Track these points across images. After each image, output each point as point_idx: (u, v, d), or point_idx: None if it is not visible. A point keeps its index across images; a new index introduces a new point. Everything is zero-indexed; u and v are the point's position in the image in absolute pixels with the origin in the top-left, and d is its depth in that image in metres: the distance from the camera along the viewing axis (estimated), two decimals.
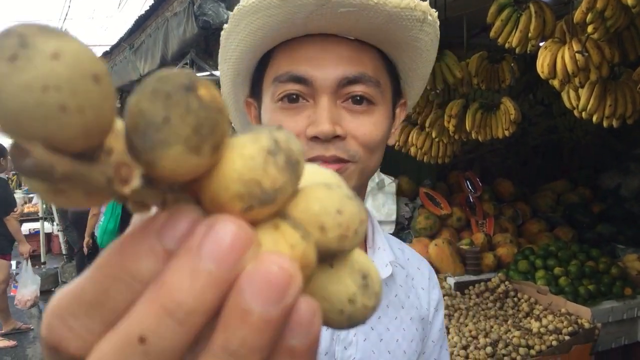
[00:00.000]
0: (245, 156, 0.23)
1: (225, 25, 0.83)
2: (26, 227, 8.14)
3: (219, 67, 0.91)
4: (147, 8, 4.34)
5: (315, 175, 0.28)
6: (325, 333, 0.85)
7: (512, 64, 3.30)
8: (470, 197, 4.06)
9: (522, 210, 4.22)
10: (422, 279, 1.00)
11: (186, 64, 4.16)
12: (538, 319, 3.00)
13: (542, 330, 2.85)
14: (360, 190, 0.87)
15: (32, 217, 9.37)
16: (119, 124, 0.23)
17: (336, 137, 0.79)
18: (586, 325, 2.90)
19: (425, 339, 0.96)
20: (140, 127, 0.21)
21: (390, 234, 3.69)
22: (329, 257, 0.27)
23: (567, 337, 2.79)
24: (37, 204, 9.45)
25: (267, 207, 0.24)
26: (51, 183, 0.20)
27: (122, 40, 5.59)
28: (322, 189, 0.26)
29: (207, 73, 4.34)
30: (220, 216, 0.24)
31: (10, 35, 0.19)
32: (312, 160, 0.79)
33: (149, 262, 0.23)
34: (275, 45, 0.83)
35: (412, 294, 0.95)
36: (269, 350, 0.23)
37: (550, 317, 2.96)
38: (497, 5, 2.89)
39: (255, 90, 0.90)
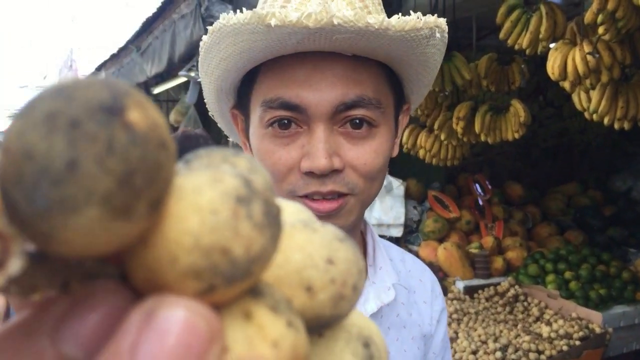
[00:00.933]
0: (203, 209, 0.15)
1: (204, 37, 0.74)
2: None
3: (200, 77, 0.82)
4: (155, 10, 4.36)
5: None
6: None
7: (522, 66, 3.27)
8: (480, 200, 4.02)
9: (532, 213, 4.18)
10: (424, 291, 0.93)
11: (194, 66, 4.16)
12: (548, 323, 2.97)
13: (552, 335, 2.82)
14: (358, 222, 0.79)
15: None
16: None
17: (333, 171, 0.71)
18: (597, 330, 2.87)
19: (427, 350, 0.92)
20: (26, 177, 0.13)
21: (399, 237, 3.64)
22: (319, 326, 0.19)
23: (577, 342, 2.76)
24: None
25: (236, 286, 0.16)
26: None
27: (128, 42, 5.62)
28: (302, 231, 0.19)
29: None
30: (165, 298, 0.15)
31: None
32: (307, 196, 0.71)
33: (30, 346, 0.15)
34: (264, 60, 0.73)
35: (414, 310, 0.90)
36: None
37: (560, 322, 2.93)
38: (506, 6, 2.87)
39: (241, 103, 0.81)
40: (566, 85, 2.69)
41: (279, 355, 0.16)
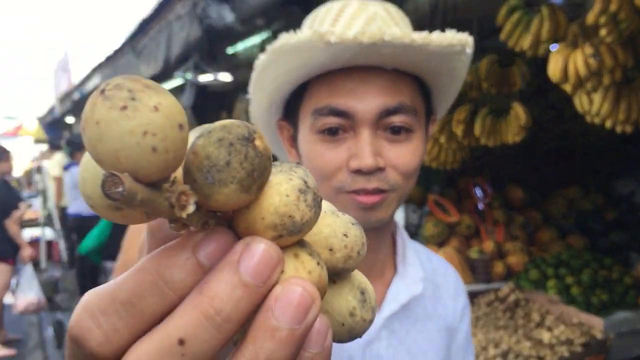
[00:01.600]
0: (282, 193, 0.27)
1: (261, 55, 0.85)
2: (27, 234, 8.08)
3: (250, 92, 0.93)
4: (150, 11, 4.32)
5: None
6: (357, 349, 0.88)
7: (523, 68, 3.23)
8: (480, 204, 3.99)
9: (533, 217, 4.15)
10: (449, 288, 1.03)
11: (190, 67, 4.12)
12: (549, 329, 2.94)
13: (553, 340, 2.79)
14: (392, 217, 0.92)
15: (32, 224, 9.31)
16: None
17: (377, 169, 0.81)
18: (598, 335, 2.84)
19: (451, 344, 1.00)
20: (204, 166, 0.25)
21: None
22: (334, 274, 0.31)
23: (579, 348, 2.73)
24: (37, 210, 9.40)
25: (294, 237, 0.28)
26: (129, 206, 0.24)
27: (124, 43, 5.58)
28: (330, 215, 0.31)
29: (212, 78, 4.33)
30: (255, 237, 0.27)
31: (122, 88, 0.24)
32: (355, 192, 0.82)
33: (183, 272, 0.26)
34: (315, 75, 0.84)
35: (439, 304, 1.00)
36: None
37: (562, 328, 2.90)
38: (507, 7, 2.84)
39: (289, 115, 0.91)
40: (567, 87, 2.67)
41: (311, 278, 0.28)
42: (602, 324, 2.89)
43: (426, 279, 0.98)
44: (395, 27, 0.84)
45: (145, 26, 4.73)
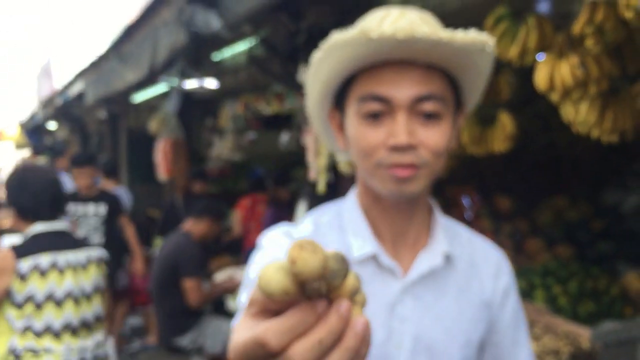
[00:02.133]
0: (353, 277, 0.52)
1: (317, 53, 1.00)
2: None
3: (307, 83, 1.09)
4: (136, 17, 4.27)
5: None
6: (383, 309, 1.04)
7: (510, 77, 3.24)
8: (468, 213, 3.99)
9: (520, 227, 4.15)
10: (489, 267, 1.14)
11: (175, 73, 4.09)
12: (536, 339, 2.93)
13: (540, 350, 2.78)
14: (425, 192, 1.08)
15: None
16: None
17: (410, 147, 0.96)
18: (586, 346, 2.84)
19: (494, 322, 1.12)
20: (331, 272, 0.48)
21: None
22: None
23: (566, 358, 2.72)
24: None
25: (356, 296, 0.52)
26: (311, 293, 0.49)
27: (109, 49, 5.52)
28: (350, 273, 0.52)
29: (197, 85, 4.30)
30: (342, 300, 0.49)
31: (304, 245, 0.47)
32: (391, 166, 0.98)
33: (314, 317, 0.48)
34: (359, 71, 1.00)
35: (475, 281, 1.11)
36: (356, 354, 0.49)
37: (549, 337, 2.90)
38: (494, 16, 2.85)
39: (339, 104, 1.07)
40: (554, 97, 2.67)
41: (360, 312, 0.52)
42: (589, 334, 2.89)
43: (459, 257, 1.11)
44: (426, 26, 0.97)
45: (130, 32, 4.68)
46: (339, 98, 1.06)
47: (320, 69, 1.02)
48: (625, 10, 2.21)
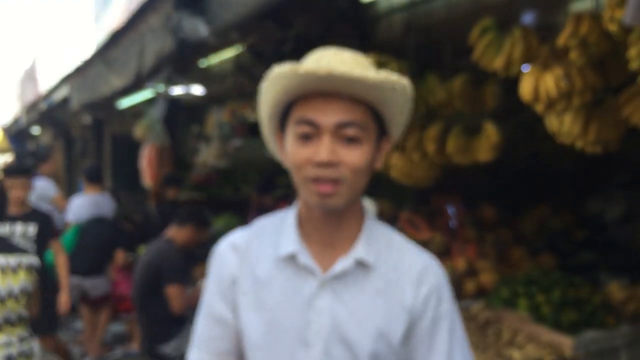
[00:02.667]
0: None
1: (264, 82, 1.20)
2: None
3: (259, 108, 1.28)
4: (123, 23, 4.26)
5: None
6: (303, 301, 1.22)
7: (496, 88, 3.27)
8: (452, 222, 4.01)
9: (504, 236, 4.18)
10: (411, 274, 1.26)
11: (162, 80, 4.07)
12: (520, 347, 2.94)
13: (524, 359, 2.78)
14: (351, 204, 1.23)
15: None
16: None
17: (332, 164, 1.15)
18: (568, 354, 2.86)
19: (413, 326, 1.24)
20: None
21: None
22: None
23: None
24: None
25: None
26: None
27: (95, 54, 5.49)
28: None
29: (184, 91, 4.29)
30: None
31: None
32: (315, 180, 1.16)
33: None
34: (296, 99, 1.20)
35: (396, 287, 1.25)
36: None
37: (532, 346, 2.92)
38: (480, 27, 2.88)
39: (282, 127, 1.26)
40: (539, 108, 2.70)
41: None
42: (572, 343, 2.91)
43: (382, 263, 1.26)
44: (347, 66, 1.15)
45: (117, 37, 4.66)
46: (282, 122, 1.25)
47: (267, 96, 1.23)
48: (609, 24, 2.25)
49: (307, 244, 1.25)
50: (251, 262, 1.28)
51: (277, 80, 1.17)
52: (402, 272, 1.26)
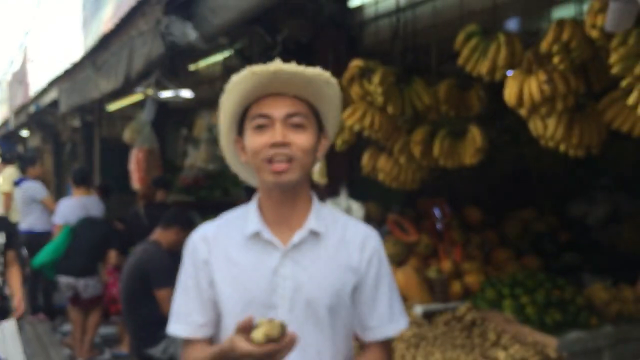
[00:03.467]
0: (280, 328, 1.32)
1: (222, 95, 1.48)
2: None
3: (219, 117, 1.53)
4: (112, 26, 4.27)
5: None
6: (269, 270, 1.48)
7: (481, 92, 3.31)
8: (439, 224, 4.05)
9: (489, 238, 4.22)
10: (355, 242, 1.56)
11: (151, 83, 4.09)
12: (505, 348, 2.98)
13: (509, 359, 2.82)
14: (303, 184, 1.52)
15: None
16: None
17: (284, 145, 1.43)
18: (552, 355, 2.89)
19: (360, 283, 1.54)
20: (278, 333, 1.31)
21: None
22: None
23: None
24: None
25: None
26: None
27: (84, 58, 5.49)
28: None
29: (173, 94, 4.30)
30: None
31: None
32: (270, 160, 1.43)
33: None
34: (251, 102, 1.49)
35: (343, 250, 1.54)
36: None
37: (517, 347, 2.94)
38: (465, 33, 2.91)
39: (240, 131, 1.53)
40: (522, 112, 2.73)
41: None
42: (556, 343, 2.94)
43: (331, 234, 1.54)
44: (290, 67, 1.42)
45: (106, 41, 4.67)
46: (240, 128, 1.53)
47: (226, 105, 1.49)
48: (591, 30, 2.30)
49: (268, 224, 1.51)
50: (222, 245, 1.53)
51: (235, 85, 1.45)
52: (347, 240, 1.55)
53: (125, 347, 5.43)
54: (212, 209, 6.14)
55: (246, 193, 5.97)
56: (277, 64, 1.41)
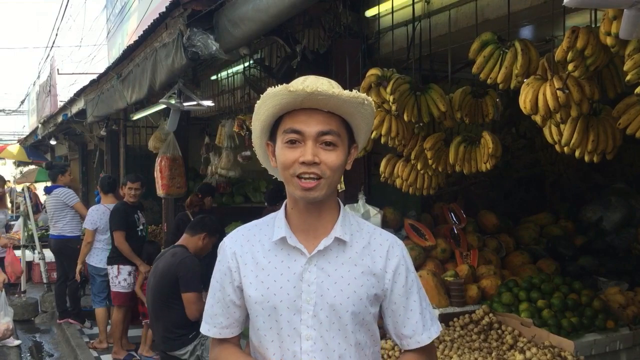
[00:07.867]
0: None
1: (258, 101, 1.51)
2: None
3: (252, 122, 1.59)
4: (136, 38, 4.40)
5: None
6: (296, 276, 1.52)
7: (497, 99, 3.33)
8: (455, 229, 4.08)
9: (505, 242, 4.24)
10: (381, 250, 1.59)
11: (174, 93, 4.19)
12: (522, 351, 3.00)
13: None
14: (330, 195, 1.55)
15: (13, 245, 9.13)
16: None
17: (314, 163, 1.46)
18: (569, 358, 2.91)
19: (388, 293, 1.58)
20: None
21: None
22: None
23: None
24: (18, 231, 9.28)
25: None
26: None
27: (109, 69, 5.64)
28: None
29: (194, 103, 4.40)
30: None
31: None
32: (300, 176, 1.47)
33: None
34: (284, 113, 1.51)
35: (367, 258, 1.57)
36: None
37: (534, 350, 2.97)
38: (479, 41, 2.95)
39: (272, 137, 1.58)
40: (537, 119, 2.75)
41: None
42: (573, 347, 2.96)
43: (356, 242, 1.58)
44: (327, 86, 1.44)
45: (130, 52, 4.80)
46: (272, 133, 1.57)
47: (260, 112, 1.53)
48: (606, 37, 2.32)
49: (294, 231, 1.56)
50: (250, 250, 1.59)
51: (270, 98, 1.48)
52: (372, 248, 1.59)
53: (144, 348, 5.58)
54: (233, 215, 6.25)
55: (267, 199, 6.10)
56: (313, 84, 1.43)
